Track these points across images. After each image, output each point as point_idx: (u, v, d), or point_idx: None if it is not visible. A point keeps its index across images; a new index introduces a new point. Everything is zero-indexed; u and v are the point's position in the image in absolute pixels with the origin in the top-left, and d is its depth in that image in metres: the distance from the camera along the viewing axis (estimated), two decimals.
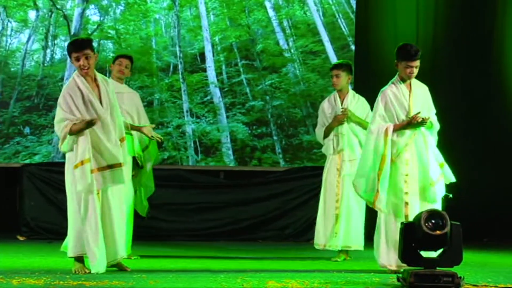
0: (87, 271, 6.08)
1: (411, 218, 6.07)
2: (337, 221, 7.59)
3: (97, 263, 6.03)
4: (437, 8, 10.67)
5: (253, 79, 10.58)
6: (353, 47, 10.61)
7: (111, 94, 6.28)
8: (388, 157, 6.35)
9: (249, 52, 10.62)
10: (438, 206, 6.34)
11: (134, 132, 7.37)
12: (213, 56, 10.47)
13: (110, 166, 6.15)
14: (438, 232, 5.32)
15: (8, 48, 10.29)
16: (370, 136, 6.47)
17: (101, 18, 10.52)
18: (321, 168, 10.47)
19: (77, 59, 6.12)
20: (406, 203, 6.34)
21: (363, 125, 7.58)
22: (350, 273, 6.33)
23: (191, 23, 10.59)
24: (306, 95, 10.59)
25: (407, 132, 6.41)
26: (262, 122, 10.51)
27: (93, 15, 10.51)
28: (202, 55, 10.49)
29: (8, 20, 10.29)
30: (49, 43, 10.33)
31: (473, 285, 5.52)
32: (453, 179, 6.53)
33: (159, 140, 7.36)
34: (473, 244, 6.32)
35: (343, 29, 10.69)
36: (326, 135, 7.76)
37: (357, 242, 7.61)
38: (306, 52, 10.64)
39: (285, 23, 10.69)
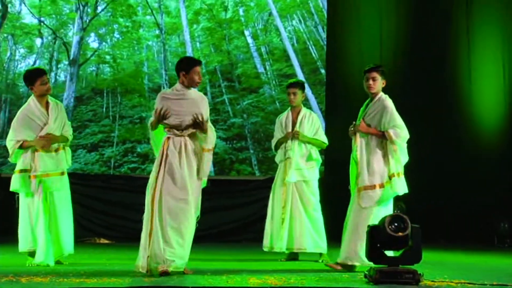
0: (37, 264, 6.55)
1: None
2: (283, 225, 7.45)
3: (42, 256, 6.51)
4: (398, 36, 10.78)
5: (234, 99, 10.64)
6: (322, 71, 10.69)
7: (60, 115, 6.72)
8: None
9: (230, 74, 10.69)
10: (363, 212, 6.24)
11: None
12: None
13: (50, 174, 6.61)
14: (400, 234, 5.37)
15: (16, 71, 10.32)
16: None
17: (98, 45, 10.55)
18: None
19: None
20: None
21: (312, 143, 7.58)
22: (324, 271, 6.37)
23: (179, 49, 10.64)
24: (280, 113, 10.62)
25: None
26: (241, 137, 10.55)
27: (92, 42, 10.56)
28: None
29: (16, 47, 10.33)
30: (53, 67, 10.39)
31: (431, 281, 5.58)
32: (401, 192, 6.28)
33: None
34: (431, 245, 6.38)
35: (313, 55, 10.77)
36: (277, 147, 7.74)
37: (300, 245, 7.44)
38: (280, 75, 10.71)
39: (262, 49, 10.77)
